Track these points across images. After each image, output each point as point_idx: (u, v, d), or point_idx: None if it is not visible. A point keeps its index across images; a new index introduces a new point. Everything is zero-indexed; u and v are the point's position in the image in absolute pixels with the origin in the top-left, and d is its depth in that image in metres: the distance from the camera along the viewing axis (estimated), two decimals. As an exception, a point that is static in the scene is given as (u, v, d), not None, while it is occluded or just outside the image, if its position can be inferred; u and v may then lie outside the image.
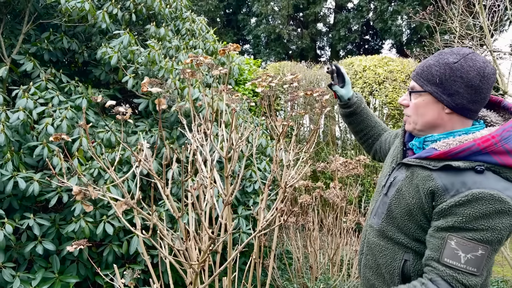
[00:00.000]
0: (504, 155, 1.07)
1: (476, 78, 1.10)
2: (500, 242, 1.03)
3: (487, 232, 1.02)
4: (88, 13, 3.38)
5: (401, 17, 13.29)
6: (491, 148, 1.07)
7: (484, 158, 1.07)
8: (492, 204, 1.01)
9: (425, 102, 1.19)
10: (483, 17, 3.15)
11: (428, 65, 1.18)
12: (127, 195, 1.68)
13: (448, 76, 1.12)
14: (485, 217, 1.02)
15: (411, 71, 6.40)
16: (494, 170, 1.07)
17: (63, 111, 2.98)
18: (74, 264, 2.85)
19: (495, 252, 1.06)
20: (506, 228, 1.02)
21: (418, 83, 1.20)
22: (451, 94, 1.13)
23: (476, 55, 1.14)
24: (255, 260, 2.13)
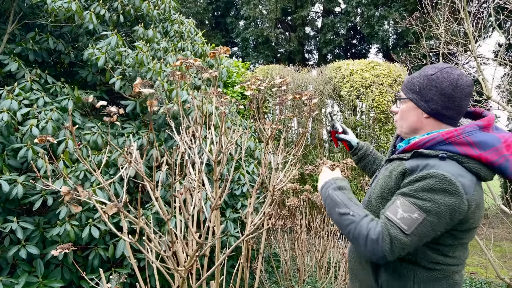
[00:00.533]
0: (465, 146, 1.24)
1: (449, 87, 1.29)
2: (437, 215, 1.17)
3: (428, 203, 1.17)
4: (75, 14, 3.34)
5: (388, 22, 13.46)
6: (453, 139, 1.25)
7: (447, 147, 1.26)
8: (441, 183, 1.17)
9: (408, 108, 1.40)
10: (468, 23, 3.21)
11: (412, 77, 1.40)
12: (114, 198, 1.66)
13: (425, 85, 1.33)
14: (431, 191, 1.18)
15: (397, 75, 6.49)
16: (457, 159, 1.24)
17: (48, 112, 2.93)
18: (58, 268, 2.80)
19: (431, 227, 1.18)
20: (446, 205, 1.16)
21: (403, 92, 1.42)
22: (427, 100, 1.33)
23: (453, 69, 1.32)
24: (242, 264, 2.12)
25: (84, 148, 2.94)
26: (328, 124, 1.84)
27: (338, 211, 1.34)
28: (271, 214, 1.69)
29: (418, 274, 1.29)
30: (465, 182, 1.19)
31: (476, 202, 1.22)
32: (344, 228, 1.31)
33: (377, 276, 1.36)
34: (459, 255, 1.31)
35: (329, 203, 1.40)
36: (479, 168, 1.24)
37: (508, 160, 1.25)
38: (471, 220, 1.24)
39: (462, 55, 3.81)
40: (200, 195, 2.07)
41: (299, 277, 3.62)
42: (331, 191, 1.42)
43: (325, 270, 3.80)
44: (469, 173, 1.23)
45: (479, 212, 1.26)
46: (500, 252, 5.86)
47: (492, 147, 1.23)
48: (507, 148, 1.25)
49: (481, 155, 1.23)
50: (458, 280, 1.34)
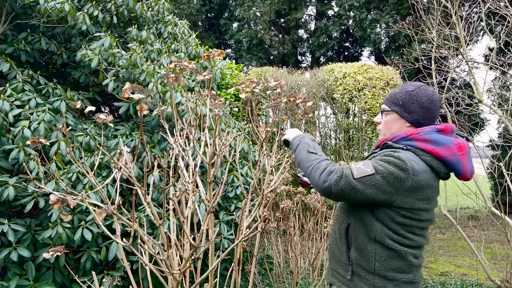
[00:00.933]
0: (422, 142, 1.54)
1: (427, 101, 1.60)
2: (383, 177, 1.42)
3: (381, 167, 1.44)
4: (68, 14, 3.32)
5: (380, 25, 13.55)
6: (413, 136, 1.56)
7: (408, 142, 1.57)
8: (396, 160, 1.45)
9: (392, 119, 1.67)
10: (460, 27, 3.25)
11: (394, 93, 1.68)
12: (107, 201, 1.65)
13: (407, 100, 1.62)
14: (387, 162, 1.46)
15: (390, 78, 6.53)
16: (414, 151, 1.53)
17: (40, 113, 2.91)
18: (50, 271, 2.77)
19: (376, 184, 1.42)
20: (393, 173, 1.43)
21: (387, 105, 1.68)
22: (410, 112, 1.62)
23: (427, 87, 1.64)
24: (234, 268, 2.12)
25: (77, 149, 2.92)
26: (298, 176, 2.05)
27: (308, 150, 1.61)
28: (266, 217, 1.69)
29: (379, 252, 1.52)
30: (415, 166, 1.47)
31: (422, 186, 1.47)
32: (307, 162, 1.56)
33: (349, 255, 1.60)
34: (414, 238, 1.53)
35: (301, 146, 1.65)
36: (432, 161, 1.51)
37: (459, 160, 1.52)
38: (416, 199, 1.48)
39: (454, 59, 3.85)
40: (194, 197, 2.06)
41: (292, 279, 3.63)
42: (306, 139, 1.69)
43: (318, 272, 3.81)
44: (424, 163, 1.51)
45: (428, 196, 1.51)
46: (490, 254, 5.92)
47: (444, 145, 1.52)
48: (459, 149, 1.53)
49: (433, 149, 1.51)
50: (416, 263, 1.55)
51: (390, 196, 1.44)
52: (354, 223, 1.58)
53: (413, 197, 1.47)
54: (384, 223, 1.50)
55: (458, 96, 3.72)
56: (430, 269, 5.38)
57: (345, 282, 1.63)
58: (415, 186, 1.46)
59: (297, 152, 1.65)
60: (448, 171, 1.55)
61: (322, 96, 6.98)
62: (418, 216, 1.51)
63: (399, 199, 1.46)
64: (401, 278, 1.53)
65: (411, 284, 1.56)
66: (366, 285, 1.55)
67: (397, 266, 1.52)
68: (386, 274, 1.52)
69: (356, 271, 1.58)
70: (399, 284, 1.53)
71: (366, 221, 1.54)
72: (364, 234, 1.54)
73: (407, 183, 1.44)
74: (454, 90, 3.66)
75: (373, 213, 1.52)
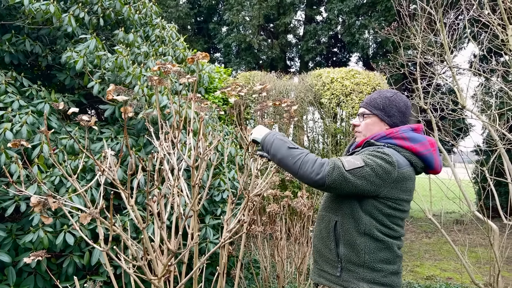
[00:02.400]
0: (400, 140, 1.70)
1: (403, 106, 1.79)
2: (372, 169, 1.54)
3: (370, 160, 1.57)
4: (53, 16, 3.28)
5: (368, 31, 13.70)
6: (392, 135, 1.72)
7: (388, 140, 1.71)
8: (382, 154, 1.59)
9: (372, 122, 1.81)
10: (443, 34, 3.30)
11: (373, 98, 1.82)
12: (89, 204, 1.63)
13: (387, 104, 1.78)
14: (375, 156, 1.59)
15: (377, 83, 6.60)
16: (395, 148, 1.67)
17: (23, 116, 2.86)
18: (31, 276, 2.71)
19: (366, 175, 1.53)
20: (381, 166, 1.55)
21: (368, 109, 1.82)
22: (390, 116, 1.78)
23: (401, 93, 1.83)
24: (219, 271, 2.11)
25: (60, 152, 2.88)
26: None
27: (288, 146, 1.65)
28: (249, 221, 1.68)
29: (368, 244, 1.62)
30: (399, 160, 1.62)
31: (405, 178, 1.62)
32: (293, 157, 1.60)
33: (338, 251, 1.67)
34: (398, 229, 1.66)
35: (277, 143, 1.68)
36: (411, 156, 1.67)
37: (432, 154, 1.70)
38: (400, 190, 1.61)
39: (438, 65, 3.91)
40: (179, 201, 2.05)
41: (279, 283, 3.62)
42: (279, 136, 1.72)
43: (305, 276, 3.81)
44: (404, 158, 1.65)
45: (410, 188, 1.66)
46: (475, 258, 5.99)
47: (419, 142, 1.69)
48: (431, 145, 1.70)
49: (411, 146, 1.67)
50: (399, 254, 1.68)
51: (378, 187, 1.56)
52: (342, 219, 1.67)
53: (398, 188, 1.61)
54: (372, 215, 1.61)
55: (442, 101, 3.77)
56: (416, 273, 5.42)
57: (333, 280, 1.70)
58: (400, 177, 1.60)
59: (275, 150, 1.68)
60: (424, 165, 1.72)
61: (310, 101, 7.02)
62: (402, 206, 1.65)
63: (386, 190, 1.58)
64: (388, 269, 1.64)
65: (396, 275, 1.67)
66: (356, 279, 1.63)
67: (385, 257, 1.63)
68: (375, 265, 1.62)
69: (346, 267, 1.65)
70: (386, 275, 1.63)
71: (354, 215, 1.63)
72: (353, 229, 1.63)
73: (393, 175, 1.58)
74: (438, 95, 3.71)
75: (361, 206, 1.62)
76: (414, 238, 7.91)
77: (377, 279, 1.62)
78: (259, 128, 1.86)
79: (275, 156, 1.68)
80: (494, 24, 3.04)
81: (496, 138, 3.22)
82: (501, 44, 3.11)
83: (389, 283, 1.63)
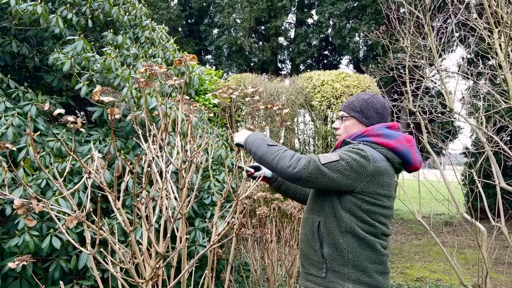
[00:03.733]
0: (375, 137, 1.73)
1: (381, 108, 1.83)
2: (347, 163, 1.58)
3: (345, 155, 1.61)
4: (40, 17, 3.24)
5: (359, 34, 13.79)
6: (367, 133, 1.76)
7: (363, 138, 1.75)
8: (357, 149, 1.63)
9: (351, 124, 1.86)
10: (431, 38, 3.33)
11: (351, 101, 1.87)
12: (75, 207, 1.60)
13: (365, 107, 1.83)
14: (350, 151, 1.63)
15: (367, 86, 6.64)
16: (370, 145, 1.71)
17: (9, 118, 2.82)
18: (17, 281, 2.67)
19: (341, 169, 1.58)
20: (356, 160, 1.60)
21: (346, 112, 1.87)
22: (367, 117, 1.82)
23: (379, 95, 1.88)
24: (207, 274, 2.09)
25: (47, 155, 2.84)
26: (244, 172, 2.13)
27: (267, 143, 1.70)
28: (239, 224, 1.67)
29: (350, 243, 1.63)
30: (374, 154, 1.65)
31: (382, 172, 1.64)
32: (271, 154, 1.65)
33: (322, 252, 1.69)
34: (380, 226, 1.67)
35: (258, 142, 1.73)
36: (387, 152, 1.70)
37: (408, 149, 1.73)
38: (377, 185, 1.64)
39: (427, 68, 3.94)
40: (168, 204, 2.03)
41: (269, 286, 3.60)
42: (260, 135, 1.77)
43: (295, 279, 3.80)
44: (379, 154, 1.68)
45: (388, 182, 1.68)
46: (464, 259, 6.04)
47: (394, 138, 1.72)
48: (407, 140, 1.74)
49: (386, 141, 1.71)
50: (384, 253, 1.69)
51: (354, 181, 1.60)
52: (325, 220, 1.70)
53: (375, 182, 1.63)
54: (352, 213, 1.64)
55: (431, 104, 3.80)
56: (406, 274, 5.45)
57: (319, 282, 1.70)
58: (376, 171, 1.63)
59: (256, 149, 1.72)
60: (401, 161, 1.74)
61: (301, 103, 7.03)
62: (381, 202, 1.66)
63: (362, 184, 1.61)
64: (373, 268, 1.64)
65: (382, 275, 1.67)
66: (341, 279, 1.64)
67: (368, 255, 1.64)
68: (359, 264, 1.63)
69: (331, 267, 1.67)
70: (371, 274, 1.64)
71: (336, 214, 1.66)
72: (335, 228, 1.65)
73: (369, 168, 1.61)
74: (426, 98, 3.74)
75: (341, 204, 1.65)
76: (404, 240, 7.95)
77: (362, 278, 1.62)
78: (241, 132, 1.89)
79: (256, 154, 1.72)
80: (481, 28, 3.07)
81: (484, 141, 3.25)
82: (487, 48, 3.15)
83: (375, 284, 1.64)
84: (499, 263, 6.06)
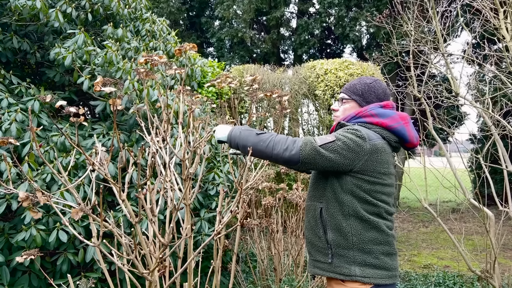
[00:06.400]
0: (369, 117, 1.74)
1: (382, 93, 1.82)
2: (344, 143, 1.59)
3: (341, 136, 1.62)
4: (39, 12, 3.22)
5: (360, 23, 13.63)
6: (361, 113, 1.76)
7: (358, 120, 1.76)
8: (353, 130, 1.64)
9: (350, 107, 1.84)
10: (436, 21, 3.28)
11: (353, 84, 1.86)
12: (79, 200, 1.60)
13: (366, 91, 1.81)
14: (346, 132, 1.64)
15: (371, 74, 6.58)
16: (365, 126, 1.72)
17: (12, 113, 2.82)
18: (25, 275, 2.69)
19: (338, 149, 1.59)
20: (352, 139, 1.60)
21: (347, 94, 1.85)
22: (368, 102, 1.81)
23: (381, 81, 1.88)
24: (214, 264, 2.09)
25: (51, 150, 2.84)
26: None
27: (255, 133, 1.66)
28: (243, 214, 1.67)
29: (354, 226, 1.63)
30: (369, 134, 1.65)
31: (379, 150, 1.64)
32: (264, 141, 1.63)
33: (327, 238, 1.68)
34: (382, 205, 1.66)
35: (245, 134, 1.68)
36: (382, 131, 1.70)
37: (403, 127, 1.72)
38: (376, 162, 1.63)
39: (432, 54, 3.89)
40: (173, 196, 2.02)
41: (276, 276, 3.61)
42: (243, 128, 1.73)
43: (302, 268, 3.80)
44: (375, 133, 1.68)
45: (386, 160, 1.67)
46: (471, 245, 6.02)
47: (388, 116, 1.72)
48: (401, 118, 1.74)
49: (380, 121, 1.71)
50: (390, 234, 1.68)
51: (352, 161, 1.60)
52: (327, 205, 1.69)
53: (373, 160, 1.63)
54: (354, 194, 1.63)
55: (436, 89, 3.76)
56: (414, 262, 5.44)
57: (326, 268, 1.69)
58: (373, 149, 1.62)
59: (244, 141, 1.68)
60: (398, 139, 1.74)
61: (304, 93, 6.99)
62: (381, 180, 1.65)
63: (361, 163, 1.61)
64: (379, 249, 1.63)
65: (388, 256, 1.66)
66: (347, 263, 1.63)
67: (373, 237, 1.63)
68: (364, 247, 1.62)
69: (336, 252, 1.66)
70: (377, 256, 1.62)
71: (337, 198, 1.65)
72: (338, 212, 1.65)
73: (365, 147, 1.61)
74: (431, 83, 3.69)
75: (342, 187, 1.64)
76: (411, 228, 7.94)
77: (368, 260, 1.61)
78: (220, 128, 1.82)
79: (245, 147, 1.67)
80: (486, 8, 3.01)
81: (490, 124, 3.21)
82: (493, 29, 3.09)
83: (382, 265, 1.63)
84: (507, 248, 6.04)
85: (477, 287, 3.97)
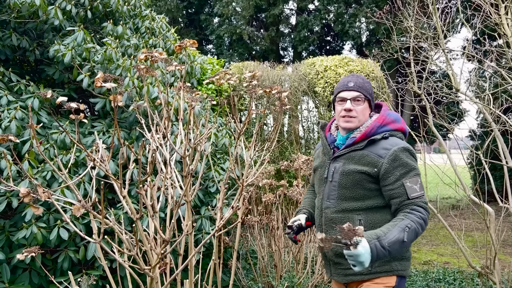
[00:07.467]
0: (391, 124, 1.76)
1: None
2: (419, 175, 1.68)
3: (413, 166, 1.68)
4: (38, 9, 3.21)
5: (359, 20, 13.61)
6: (384, 122, 1.76)
7: (384, 128, 1.76)
8: (406, 150, 1.69)
9: (366, 107, 1.81)
10: (436, 17, 3.27)
11: (361, 82, 1.81)
12: (80, 197, 1.60)
13: (371, 89, 1.84)
14: (408, 158, 1.68)
15: (370, 70, 6.57)
16: (391, 134, 1.75)
17: (12, 111, 2.81)
18: (26, 272, 2.69)
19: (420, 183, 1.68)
20: (415, 161, 1.70)
21: (363, 93, 1.79)
22: (373, 100, 1.86)
23: None
24: (214, 261, 2.09)
25: (51, 147, 2.84)
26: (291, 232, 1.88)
27: (403, 238, 1.55)
28: (244, 211, 1.67)
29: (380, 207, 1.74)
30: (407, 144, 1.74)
31: None
32: (411, 233, 1.58)
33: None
34: None
35: (393, 248, 1.52)
36: (402, 136, 1.79)
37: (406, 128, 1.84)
38: None
39: (432, 50, 3.88)
40: (173, 193, 2.02)
41: (276, 273, 3.62)
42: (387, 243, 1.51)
43: (302, 265, 3.81)
44: (401, 140, 1.76)
45: None
46: (471, 242, 6.03)
47: (400, 120, 1.81)
48: None
49: (399, 126, 1.79)
50: None
51: None
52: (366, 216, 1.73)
53: None
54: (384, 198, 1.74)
55: (436, 86, 3.75)
56: (414, 258, 5.45)
57: (365, 273, 1.69)
58: None
59: (395, 250, 1.54)
60: None
61: (304, 90, 6.98)
62: None
63: None
64: None
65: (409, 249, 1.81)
66: (387, 262, 1.69)
67: None
68: None
69: None
70: (408, 248, 1.76)
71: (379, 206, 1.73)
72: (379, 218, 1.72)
73: None
74: (431, 79, 3.68)
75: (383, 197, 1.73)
76: (411, 224, 7.94)
77: (403, 254, 1.71)
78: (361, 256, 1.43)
79: (398, 251, 1.58)
80: (487, 4, 3.01)
81: (490, 120, 3.20)
82: (494, 25, 3.08)
83: (409, 257, 1.76)
84: (507, 244, 6.05)
85: (477, 283, 3.98)
